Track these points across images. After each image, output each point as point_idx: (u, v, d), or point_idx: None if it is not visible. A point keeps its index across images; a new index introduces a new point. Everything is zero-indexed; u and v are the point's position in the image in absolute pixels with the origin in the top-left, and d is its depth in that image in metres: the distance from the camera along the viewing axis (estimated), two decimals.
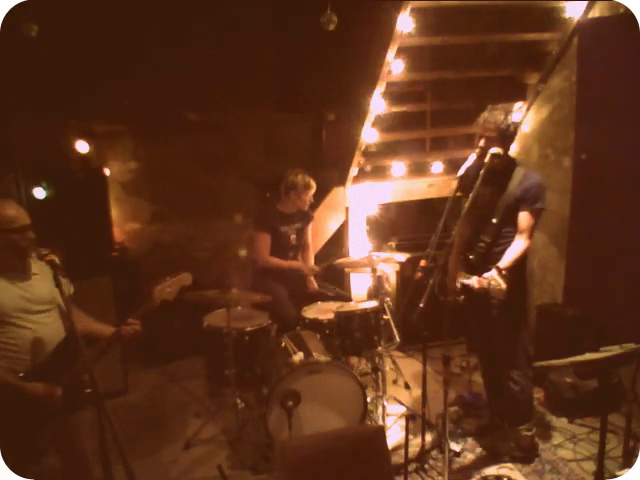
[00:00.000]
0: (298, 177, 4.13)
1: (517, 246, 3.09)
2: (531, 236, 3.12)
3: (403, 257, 3.86)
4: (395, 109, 4.53)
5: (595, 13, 3.94)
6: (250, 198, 5.08)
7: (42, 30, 3.53)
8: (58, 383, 2.48)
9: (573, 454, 3.33)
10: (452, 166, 4.92)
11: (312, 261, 4.52)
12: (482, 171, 3.07)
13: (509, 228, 3.14)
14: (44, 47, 3.90)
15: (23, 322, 2.48)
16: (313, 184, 4.16)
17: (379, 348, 3.58)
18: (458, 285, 3.07)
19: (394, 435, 3.46)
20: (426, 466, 3.25)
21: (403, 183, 4.99)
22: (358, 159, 4.69)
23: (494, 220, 3.15)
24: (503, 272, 2.89)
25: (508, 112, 3.12)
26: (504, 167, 3.16)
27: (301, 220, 4.34)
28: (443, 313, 3.07)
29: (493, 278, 2.87)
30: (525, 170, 3.17)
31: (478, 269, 3.08)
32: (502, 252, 3.11)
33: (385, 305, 3.69)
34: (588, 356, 2.35)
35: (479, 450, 3.43)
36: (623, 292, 3.63)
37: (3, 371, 2.42)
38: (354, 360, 3.98)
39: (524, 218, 3.09)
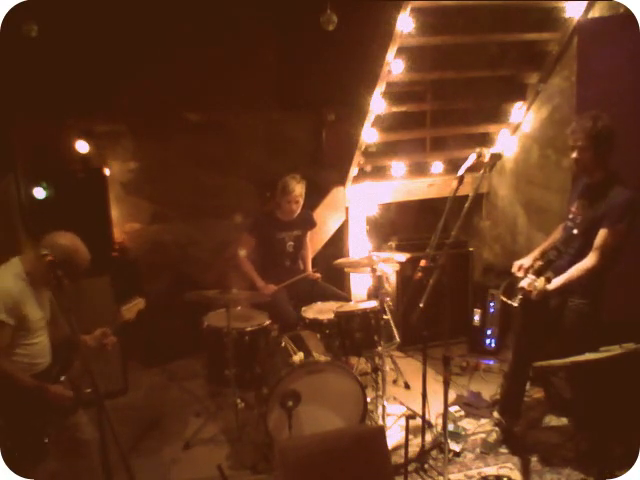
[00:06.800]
0: (280, 182, 4.09)
1: (584, 263, 3.00)
2: (605, 257, 2.96)
3: (403, 257, 3.86)
4: (395, 109, 4.52)
5: (595, 13, 3.94)
6: (250, 198, 5.08)
7: (42, 30, 3.53)
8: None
9: (573, 454, 3.32)
10: (452, 166, 4.92)
11: (309, 263, 4.52)
12: (482, 171, 3.07)
13: (588, 246, 3.02)
14: (44, 47, 3.90)
15: (38, 331, 2.62)
16: (292, 188, 4.05)
17: (379, 348, 3.58)
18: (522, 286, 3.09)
19: (394, 435, 3.46)
20: (426, 466, 3.25)
21: (403, 183, 4.99)
22: (358, 159, 4.69)
23: (575, 231, 3.11)
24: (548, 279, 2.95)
25: (596, 118, 2.99)
26: (602, 180, 3.06)
27: (301, 227, 4.33)
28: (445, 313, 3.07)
29: (536, 280, 2.94)
30: (620, 187, 3.00)
31: (541, 274, 3.10)
32: (567, 266, 3.06)
33: (385, 305, 3.68)
34: (588, 356, 2.35)
35: (479, 450, 3.43)
36: (623, 292, 3.62)
37: (22, 373, 2.50)
38: (354, 360, 3.97)
39: (601, 235, 2.97)
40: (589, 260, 3.00)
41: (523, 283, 3.07)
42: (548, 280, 3.02)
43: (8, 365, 2.47)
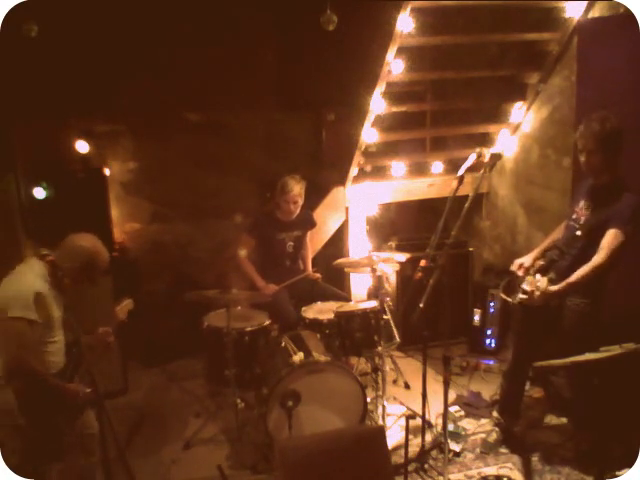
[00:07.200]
0: (279, 182, 4.11)
1: (594, 261, 2.97)
2: (611, 257, 2.93)
3: (403, 257, 3.86)
4: (395, 109, 4.52)
5: (595, 13, 3.94)
6: (250, 198, 5.08)
7: (42, 30, 3.53)
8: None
9: (573, 454, 3.32)
10: (452, 166, 4.92)
11: (309, 263, 4.53)
12: (482, 171, 3.06)
13: (591, 248, 3.00)
14: (44, 47, 3.90)
15: (58, 329, 2.65)
16: (291, 188, 4.05)
17: (379, 348, 3.58)
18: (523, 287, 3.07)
19: (394, 435, 3.46)
20: (426, 466, 3.25)
21: (403, 183, 4.99)
22: (358, 159, 4.68)
23: (578, 232, 3.09)
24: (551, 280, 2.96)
25: (604, 120, 2.95)
26: (609, 182, 3.03)
27: (301, 227, 4.33)
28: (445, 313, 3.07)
29: (539, 281, 2.91)
30: (628, 193, 2.97)
31: (543, 274, 3.10)
32: (570, 267, 3.04)
33: (385, 305, 3.69)
34: (588, 356, 2.35)
35: (479, 450, 3.43)
36: (623, 292, 3.62)
37: (47, 372, 2.55)
38: (354, 360, 3.97)
39: (608, 235, 2.93)
40: (598, 258, 2.96)
41: (525, 285, 3.05)
42: (550, 281, 3.01)
43: (36, 364, 2.49)
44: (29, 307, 2.46)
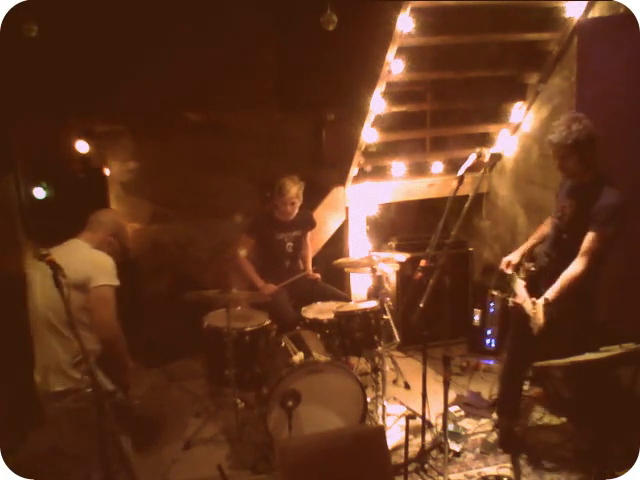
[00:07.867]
0: (277, 183, 4.10)
1: (571, 270, 2.94)
2: (590, 263, 2.91)
3: (403, 257, 3.86)
4: (395, 109, 4.52)
5: (595, 13, 3.94)
6: (250, 198, 5.08)
7: (42, 30, 3.53)
8: None
9: (573, 454, 3.32)
10: (452, 166, 4.92)
11: (310, 263, 4.53)
12: (482, 171, 3.05)
13: (577, 249, 2.96)
14: (44, 47, 3.90)
15: None
16: (288, 189, 4.04)
17: (379, 348, 3.58)
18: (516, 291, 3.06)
19: (394, 435, 3.46)
20: (426, 466, 3.25)
21: (403, 183, 4.99)
22: (358, 159, 4.69)
23: (564, 236, 3.07)
24: (549, 302, 2.87)
25: (570, 123, 2.92)
26: (590, 180, 3.00)
27: (300, 227, 4.33)
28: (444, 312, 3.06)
29: (538, 310, 2.85)
30: (609, 188, 2.94)
31: (536, 280, 3.11)
32: (558, 271, 3.01)
33: (385, 305, 3.69)
34: (588, 356, 2.35)
35: (479, 450, 3.43)
36: (623, 292, 3.62)
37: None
38: (354, 360, 3.97)
39: (588, 239, 2.90)
40: (577, 266, 2.94)
41: (527, 309, 2.95)
42: (547, 303, 2.94)
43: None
44: (112, 274, 2.68)
